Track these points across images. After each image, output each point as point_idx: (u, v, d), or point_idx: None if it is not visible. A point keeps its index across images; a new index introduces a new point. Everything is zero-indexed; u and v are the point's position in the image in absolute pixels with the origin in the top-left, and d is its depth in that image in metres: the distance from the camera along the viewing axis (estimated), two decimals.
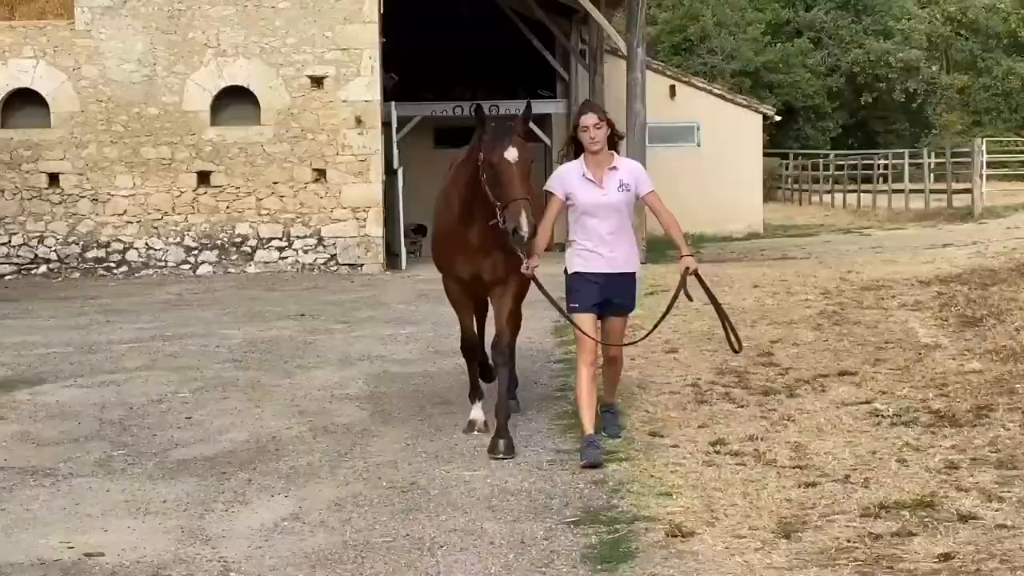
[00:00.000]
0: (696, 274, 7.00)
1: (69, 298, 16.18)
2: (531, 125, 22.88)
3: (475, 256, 7.35)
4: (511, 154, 6.79)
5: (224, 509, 6.16)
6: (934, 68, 57.09)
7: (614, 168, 7.08)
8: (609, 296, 7.12)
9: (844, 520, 5.64)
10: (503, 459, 6.94)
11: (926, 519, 5.59)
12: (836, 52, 55.77)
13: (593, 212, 7.04)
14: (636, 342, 8.30)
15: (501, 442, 7.06)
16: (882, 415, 7.83)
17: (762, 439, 7.28)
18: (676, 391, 8.84)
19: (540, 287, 7.10)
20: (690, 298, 7.19)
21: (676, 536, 5.50)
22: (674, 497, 6.13)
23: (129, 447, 7.52)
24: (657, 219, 7.35)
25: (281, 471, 6.88)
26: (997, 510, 5.69)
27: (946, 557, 5.07)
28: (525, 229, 6.60)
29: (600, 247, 7.05)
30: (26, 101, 18.93)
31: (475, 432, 7.47)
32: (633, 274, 7.29)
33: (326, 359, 10.69)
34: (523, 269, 6.95)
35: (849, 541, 5.33)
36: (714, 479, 6.44)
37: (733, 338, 7.16)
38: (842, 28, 56.02)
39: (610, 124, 7.11)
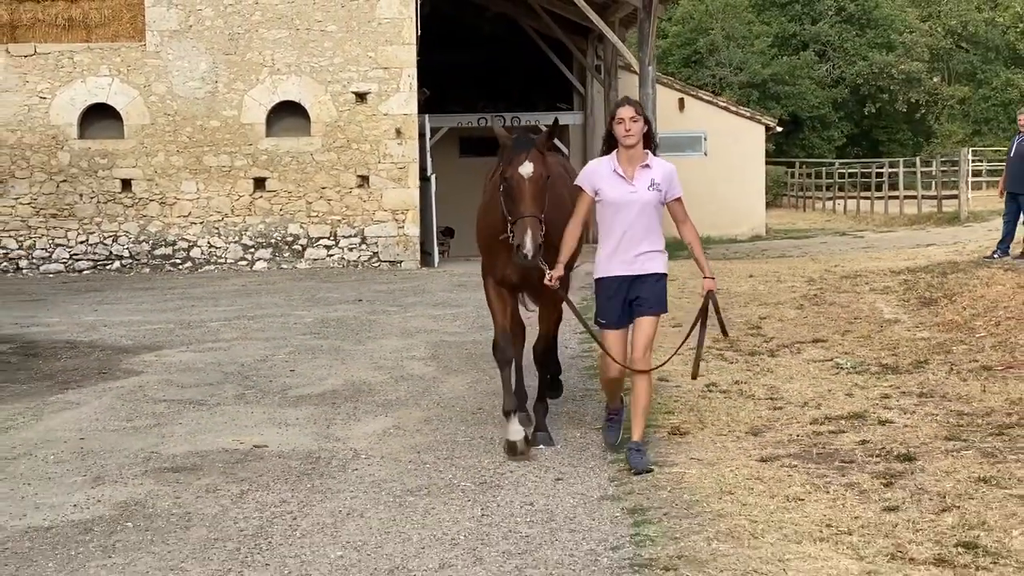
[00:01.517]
0: (712, 296, 6.80)
1: (149, 288, 18.37)
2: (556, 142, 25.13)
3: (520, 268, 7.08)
4: (525, 169, 6.66)
5: (343, 423, 8.34)
6: (935, 79, 59.08)
7: (647, 166, 6.78)
8: (636, 295, 6.82)
9: (797, 426, 7.81)
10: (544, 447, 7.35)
11: (856, 424, 7.75)
12: (841, 64, 57.59)
13: (620, 209, 6.73)
14: (660, 365, 7.43)
15: (540, 435, 7.49)
16: (842, 367, 9.99)
17: (745, 383, 9.42)
18: (680, 353, 11.00)
19: (569, 303, 7.16)
20: (725, 333, 7.49)
21: (675, 434, 7.68)
22: (675, 414, 8.29)
23: (255, 388, 9.71)
24: (677, 228, 6.94)
25: (377, 402, 9.05)
26: (908, 420, 7.85)
27: (863, 443, 7.23)
28: (528, 248, 6.45)
29: (626, 248, 6.77)
30: (102, 115, 21.07)
31: (518, 456, 7.06)
32: (663, 275, 6.89)
33: (389, 332, 12.85)
34: (546, 281, 6.74)
35: (798, 436, 7.51)
36: (706, 405, 8.59)
37: (693, 366, 7.15)
38: (846, 41, 57.82)
39: (647, 122, 6.82)
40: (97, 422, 8.45)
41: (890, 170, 37.44)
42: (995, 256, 16.43)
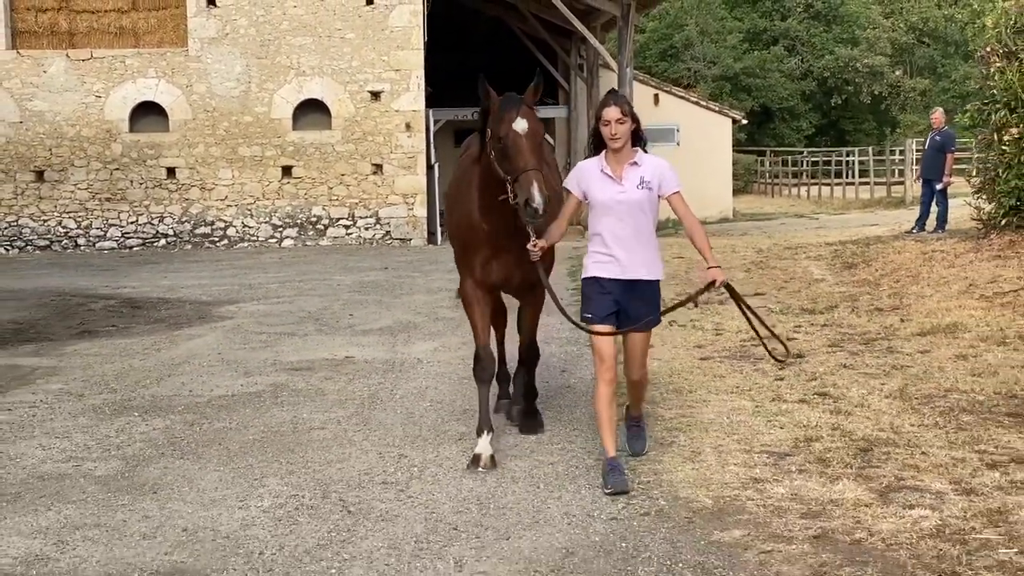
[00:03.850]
0: (729, 286, 6.49)
1: (197, 261, 21.44)
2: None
3: (501, 257, 6.86)
4: (520, 125, 6.24)
5: (403, 344, 11.48)
6: (898, 73, 62.38)
7: (635, 164, 6.39)
8: (627, 306, 6.42)
9: (730, 344, 10.97)
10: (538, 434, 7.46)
11: (771, 341, 10.93)
12: (809, 58, 60.81)
13: (610, 210, 6.35)
14: (665, 312, 7.54)
15: (530, 421, 7.60)
16: (771, 310, 13.16)
17: (698, 320, 12.56)
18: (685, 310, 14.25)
19: (551, 293, 6.71)
20: (696, 306, 7.29)
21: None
22: None
23: (328, 325, 12.84)
24: (681, 222, 6.55)
25: (423, 333, 12.19)
26: (808, 338, 11.03)
27: (773, 349, 10.40)
28: (538, 201, 6.00)
29: (616, 250, 6.35)
30: (149, 111, 24.11)
31: (479, 469, 6.62)
32: (655, 283, 6.51)
33: (417, 290, 15.99)
34: (529, 246, 6.35)
35: (729, 347, 10.67)
36: (667, 333, 11.74)
37: (777, 347, 7.18)
38: (814, 36, 61.08)
39: (635, 120, 6.39)
40: (222, 345, 11.57)
41: (848, 159, 40.69)
42: (913, 231, 19.68)
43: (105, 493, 6.45)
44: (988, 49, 16.19)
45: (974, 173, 17.55)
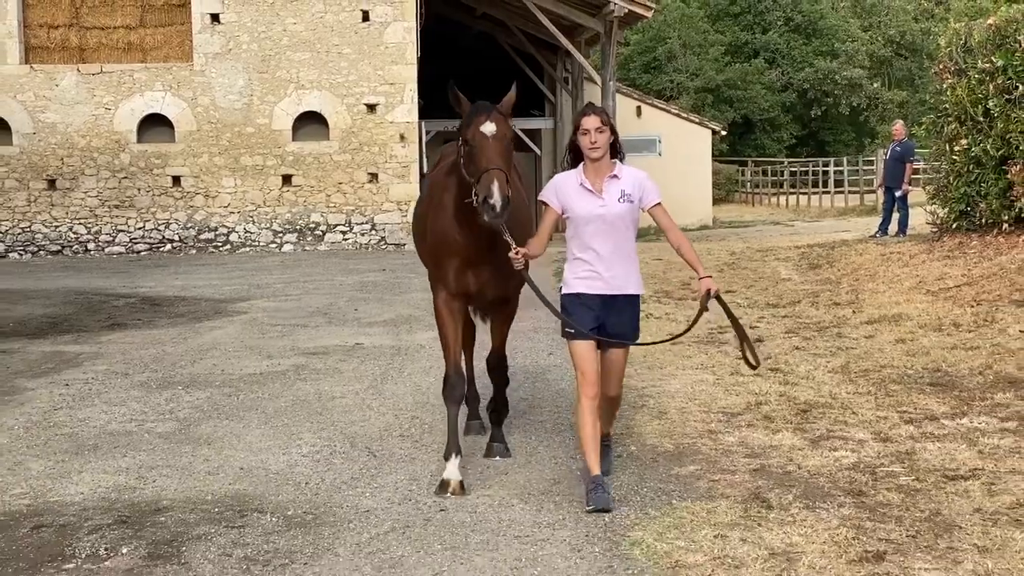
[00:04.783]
0: (719, 296, 6.43)
1: (204, 264, 22.68)
2: (523, 136, 29.51)
3: (475, 269, 6.67)
4: (487, 127, 6.10)
5: (407, 334, 12.75)
6: (876, 85, 63.87)
7: (615, 177, 6.31)
8: (606, 321, 6.34)
9: (700, 333, 12.26)
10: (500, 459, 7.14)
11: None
12: (789, 71, 62.12)
13: (590, 225, 6.26)
14: (638, 343, 7.70)
15: (496, 445, 7.30)
16: (739, 304, 14.46)
17: (672, 314, 13.87)
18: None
19: (532, 285, 6.53)
20: (703, 311, 6.69)
21: None
22: None
23: (336, 319, 14.10)
24: (666, 236, 6.50)
25: (423, 325, 13.41)
26: (769, 326, 12.34)
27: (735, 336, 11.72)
28: (496, 197, 5.86)
29: (597, 265, 6.28)
30: (156, 123, 25.33)
31: (448, 495, 6.37)
32: (636, 297, 6.48)
33: (415, 289, 17.23)
34: (511, 254, 6.21)
35: (698, 336, 11.94)
36: (643, 325, 13.01)
37: (749, 354, 6.76)
38: (794, 49, 62.43)
39: (613, 131, 6.32)
40: (242, 335, 12.84)
41: (824, 168, 42.12)
42: (877, 236, 21.04)
43: (168, 444, 7.72)
44: (941, 67, 17.55)
45: (927, 183, 18.91)
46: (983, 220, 16.05)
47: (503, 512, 6.10)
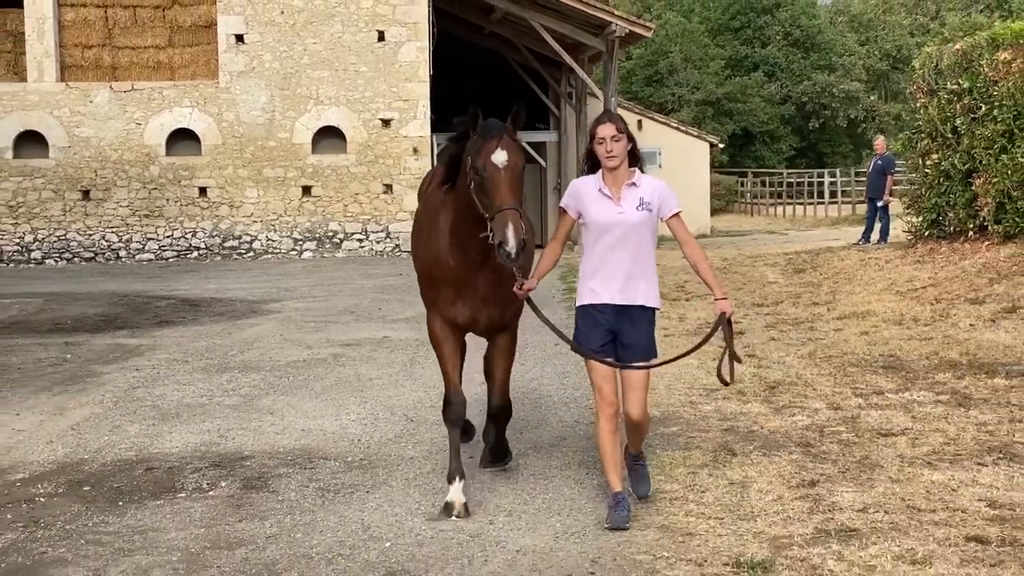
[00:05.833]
0: (729, 322, 6.38)
1: (231, 270, 24.20)
2: (529, 149, 31.00)
3: (469, 294, 6.46)
4: (499, 157, 5.93)
5: None
6: (873, 98, 65.39)
7: (633, 184, 6.17)
8: (620, 334, 6.18)
9: (688, 328, 13.75)
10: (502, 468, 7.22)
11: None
12: (788, 84, 63.60)
13: (607, 232, 6.13)
14: (651, 365, 6.74)
15: (494, 459, 7.33)
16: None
17: (666, 312, 15.33)
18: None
19: (538, 312, 6.47)
20: (737, 360, 6.60)
21: None
22: None
23: (362, 316, 15.60)
24: (681, 249, 6.40)
25: None
26: (750, 321, 13.83)
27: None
28: (512, 244, 5.72)
29: (613, 275, 6.13)
30: (184, 137, 26.87)
31: (453, 517, 6.32)
32: (651, 311, 6.29)
33: None
34: (515, 288, 6.13)
35: (686, 330, 13.46)
36: None
37: (727, 372, 6.62)
38: (793, 63, 63.96)
39: (630, 138, 6.20)
40: (280, 330, 14.34)
41: (819, 180, 43.63)
42: (860, 243, 22.54)
43: (238, 413, 9.23)
44: (915, 87, 19.06)
45: (902, 194, 20.44)
46: (952, 228, 17.53)
47: (520, 460, 7.58)
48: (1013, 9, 63.07)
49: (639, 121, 35.95)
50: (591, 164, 6.31)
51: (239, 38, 26.71)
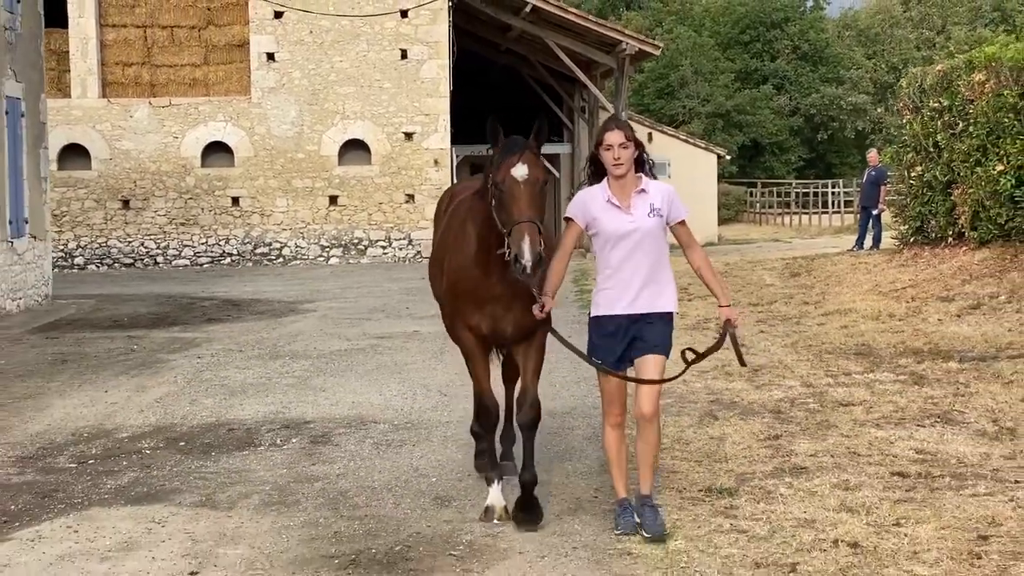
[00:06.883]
0: (728, 328, 6.30)
1: (263, 275, 25.77)
2: (546, 164, 32.56)
3: (496, 307, 6.31)
4: (519, 171, 5.85)
5: None
6: (880, 110, 66.72)
7: (643, 191, 6.08)
8: (638, 335, 6.13)
9: (687, 323, 15.25)
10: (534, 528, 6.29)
11: (716, 321, 15.26)
12: (796, 96, 64.88)
13: (619, 242, 6.04)
14: (662, 380, 6.59)
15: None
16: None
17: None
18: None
19: (556, 335, 6.35)
20: (743, 363, 6.81)
21: None
22: None
23: (392, 314, 17.13)
24: (685, 254, 6.33)
25: None
26: (742, 319, 15.32)
27: (716, 324, 14.72)
28: (527, 257, 5.62)
29: (627, 284, 6.06)
30: (218, 149, 28.50)
31: (495, 521, 6.37)
32: (669, 315, 6.24)
33: None
34: (534, 309, 5.99)
35: (685, 325, 14.96)
36: None
37: (709, 355, 6.65)
38: (801, 76, 65.26)
39: (638, 145, 6.10)
40: (319, 326, 15.89)
41: (823, 190, 45.08)
42: (854, 250, 24.02)
43: (295, 390, 10.78)
44: (901, 104, 20.55)
45: (890, 203, 21.92)
46: (934, 235, 19.00)
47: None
48: (1018, 24, 64.47)
49: (649, 134, 37.49)
50: (594, 170, 6.22)
51: (270, 56, 28.31)
